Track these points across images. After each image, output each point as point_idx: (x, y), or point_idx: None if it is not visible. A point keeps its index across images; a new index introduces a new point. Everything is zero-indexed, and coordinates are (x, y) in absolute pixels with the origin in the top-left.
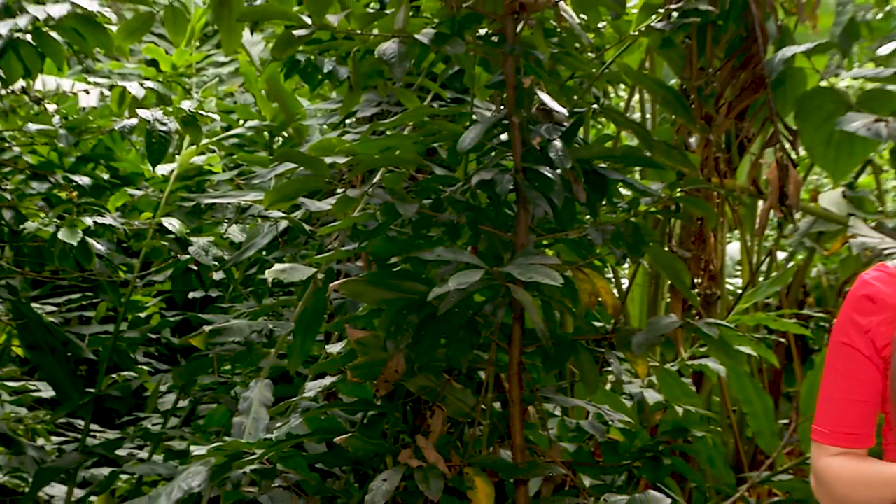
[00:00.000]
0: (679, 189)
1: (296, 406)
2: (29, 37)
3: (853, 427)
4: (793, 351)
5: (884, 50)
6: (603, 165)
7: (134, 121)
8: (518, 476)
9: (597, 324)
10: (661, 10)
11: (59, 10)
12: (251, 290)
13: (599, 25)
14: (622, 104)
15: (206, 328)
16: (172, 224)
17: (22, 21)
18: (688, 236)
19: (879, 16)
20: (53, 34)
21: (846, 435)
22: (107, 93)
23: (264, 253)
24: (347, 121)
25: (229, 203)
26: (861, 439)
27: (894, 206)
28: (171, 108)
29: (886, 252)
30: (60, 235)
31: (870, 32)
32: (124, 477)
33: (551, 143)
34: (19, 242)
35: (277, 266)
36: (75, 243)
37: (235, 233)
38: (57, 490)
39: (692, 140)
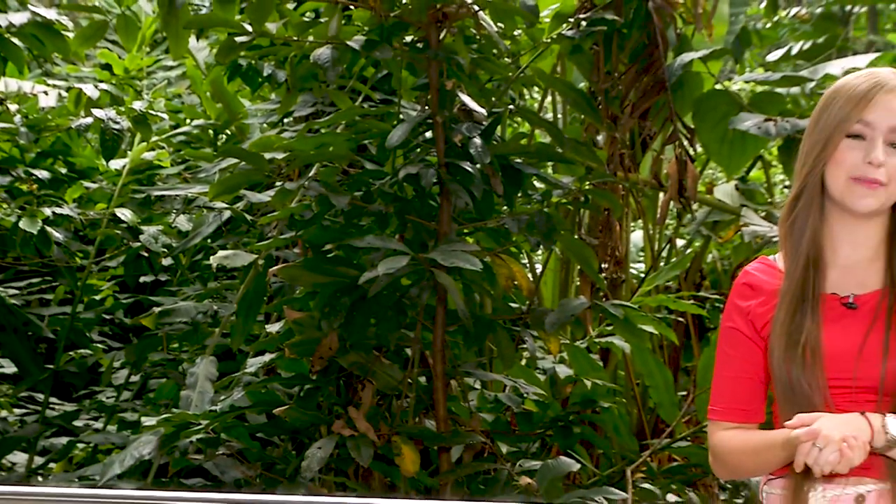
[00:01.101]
0: (587, 182)
1: (238, 380)
2: None
3: (743, 403)
4: (690, 329)
5: (772, 56)
6: (518, 161)
7: (89, 119)
8: (441, 444)
9: (513, 305)
10: (572, 20)
11: (20, 18)
12: (197, 274)
13: (515, 33)
14: (536, 105)
15: (156, 309)
16: (125, 214)
17: None
18: (595, 225)
19: (768, 25)
20: (15, 40)
21: (738, 411)
22: (64, 94)
23: (209, 240)
24: (285, 120)
25: (177, 195)
26: (751, 415)
27: (782, 198)
28: (123, 108)
29: (775, 239)
30: (22, 224)
31: (760, 40)
32: (81, 446)
33: (471, 141)
34: None
35: (221, 252)
36: (35, 232)
37: (183, 222)
38: (19, 458)
39: (599, 137)
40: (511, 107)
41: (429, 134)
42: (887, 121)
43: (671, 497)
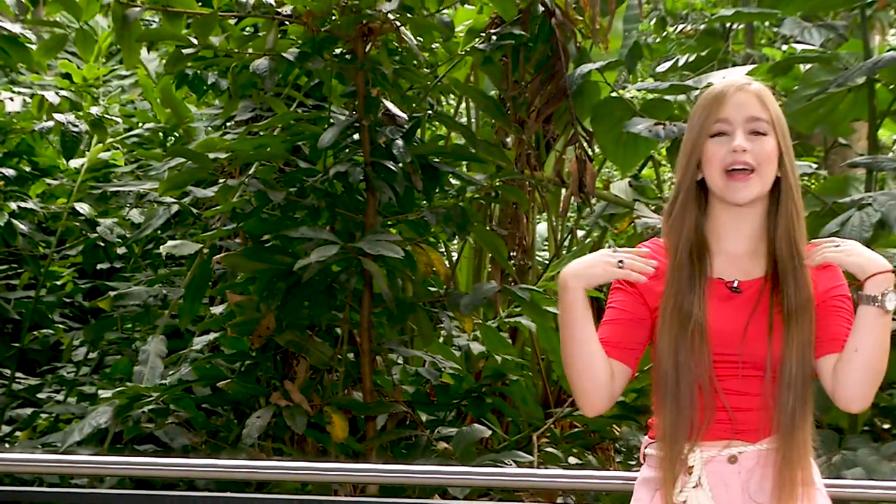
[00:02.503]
0: (498, 179)
1: (186, 357)
2: None
3: (617, 339)
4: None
5: (661, 67)
6: (436, 160)
7: (51, 123)
8: (368, 413)
9: (432, 289)
10: (483, 34)
11: None
12: (149, 262)
13: (433, 46)
14: (452, 110)
15: (112, 293)
16: (83, 208)
17: None
18: (505, 218)
19: (658, 40)
20: None
21: (609, 344)
22: (28, 100)
23: (159, 231)
24: (227, 123)
25: (130, 191)
26: (620, 351)
27: (671, 193)
28: (81, 113)
29: None
30: None
31: (650, 53)
32: (44, 416)
33: (394, 142)
34: None
35: (170, 242)
36: (2, 224)
37: (135, 215)
38: None
39: (508, 140)
40: (430, 112)
41: (356, 136)
42: (741, 113)
43: (572, 459)
